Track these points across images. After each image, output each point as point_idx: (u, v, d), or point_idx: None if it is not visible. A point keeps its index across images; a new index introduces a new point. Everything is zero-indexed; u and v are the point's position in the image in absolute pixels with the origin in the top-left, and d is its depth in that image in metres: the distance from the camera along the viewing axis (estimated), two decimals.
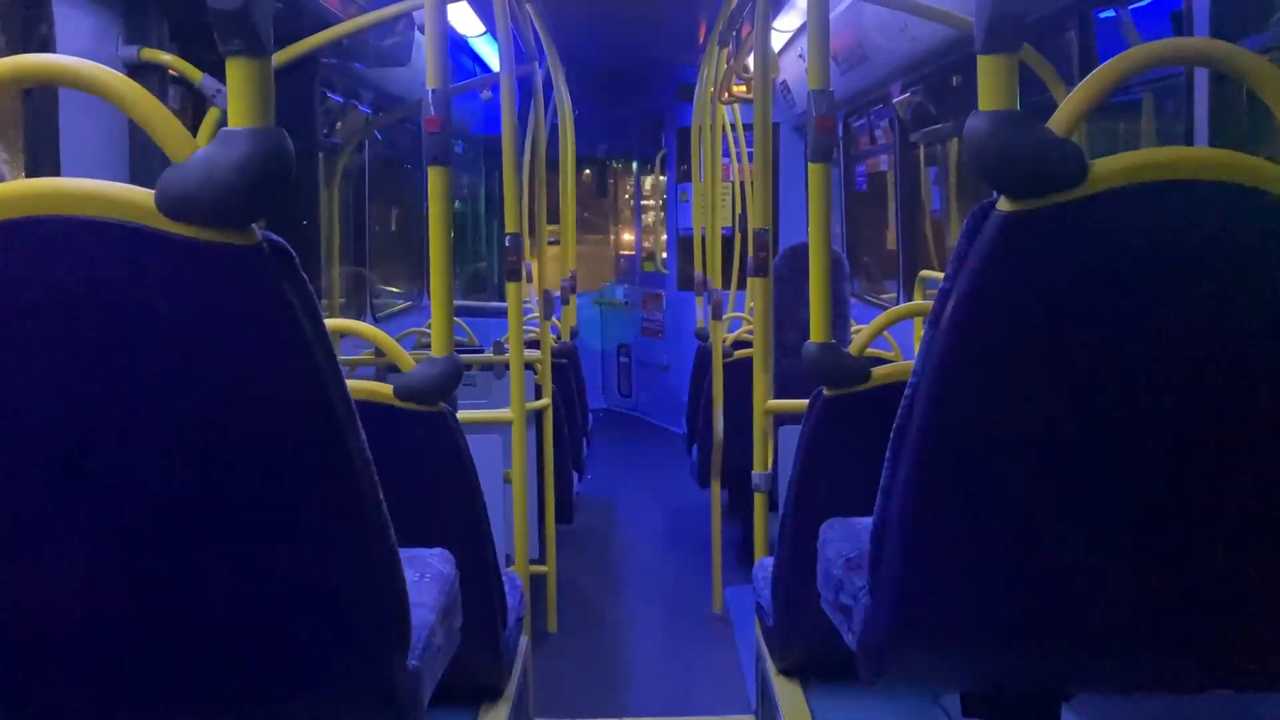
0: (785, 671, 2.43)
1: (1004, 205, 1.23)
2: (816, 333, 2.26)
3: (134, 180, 2.66)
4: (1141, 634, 1.39)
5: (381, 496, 1.28)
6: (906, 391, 1.38)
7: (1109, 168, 1.21)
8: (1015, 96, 1.22)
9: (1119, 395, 1.28)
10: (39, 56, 1.20)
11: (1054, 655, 1.44)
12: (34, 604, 1.20)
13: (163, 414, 1.13)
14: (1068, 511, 1.33)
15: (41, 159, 2.36)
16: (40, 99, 2.35)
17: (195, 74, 2.76)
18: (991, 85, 1.23)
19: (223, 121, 3.12)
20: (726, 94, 4.90)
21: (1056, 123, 1.23)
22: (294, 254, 1.12)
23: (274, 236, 1.11)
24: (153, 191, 1.07)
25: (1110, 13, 2.94)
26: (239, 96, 1.08)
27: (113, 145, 2.67)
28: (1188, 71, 2.24)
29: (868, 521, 1.51)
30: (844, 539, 1.74)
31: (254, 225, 1.09)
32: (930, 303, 1.32)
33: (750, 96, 5.50)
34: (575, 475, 4.65)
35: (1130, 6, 2.81)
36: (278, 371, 1.14)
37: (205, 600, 1.23)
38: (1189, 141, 2.25)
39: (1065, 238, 1.23)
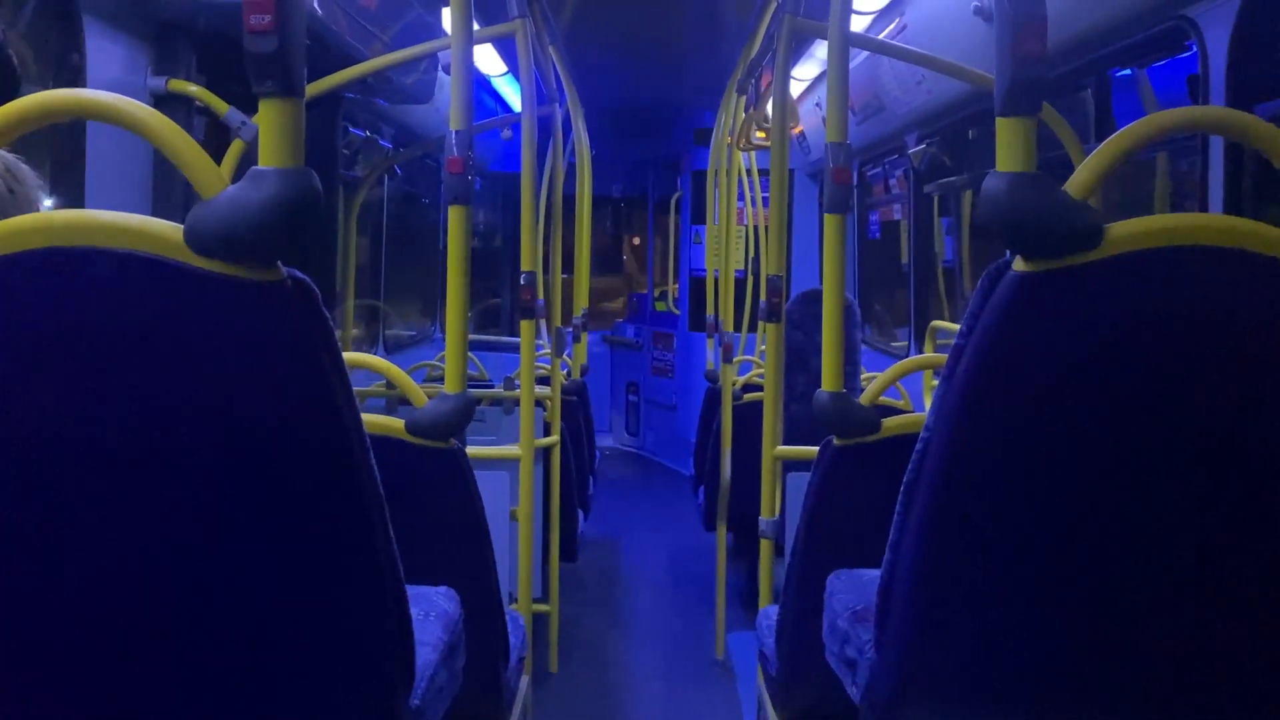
0: None
1: (1019, 265, 1.24)
2: (828, 381, 2.25)
3: (156, 211, 2.69)
4: (1153, 696, 1.38)
5: (391, 533, 1.28)
6: (918, 446, 1.38)
7: (1125, 231, 1.22)
8: (1033, 159, 1.24)
9: (1131, 457, 1.28)
10: (71, 92, 1.22)
11: (1064, 717, 1.43)
12: (41, 629, 1.21)
13: (180, 444, 1.14)
14: (1079, 571, 1.33)
15: (66, 187, 2.39)
16: (68, 127, 2.38)
17: (221, 106, 2.80)
18: (1010, 147, 1.24)
19: (247, 153, 3.13)
20: (744, 141, 4.94)
21: (1073, 185, 1.24)
22: (317, 291, 1.14)
23: (298, 273, 1.12)
24: (182, 226, 1.08)
25: (1126, 71, 2.97)
26: (270, 136, 1.10)
27: (137, 175, 2.70)
28: (1202, 135, 2.25)
29: (875, 574, 1.50)
30: (851, 591, 1.74)
31: (278, 261, 1.10)
32: (942, 355, 1.32)
33: (766, 144, 5.54)
34: (580, 514, 4.64)
35: (1146, 67, 2.83)
36: (296, 406, 1.15)
37: (211, 631, 1.23)
38: (1203, 204, 2.26)
39: (1079, 299, 1.24)
